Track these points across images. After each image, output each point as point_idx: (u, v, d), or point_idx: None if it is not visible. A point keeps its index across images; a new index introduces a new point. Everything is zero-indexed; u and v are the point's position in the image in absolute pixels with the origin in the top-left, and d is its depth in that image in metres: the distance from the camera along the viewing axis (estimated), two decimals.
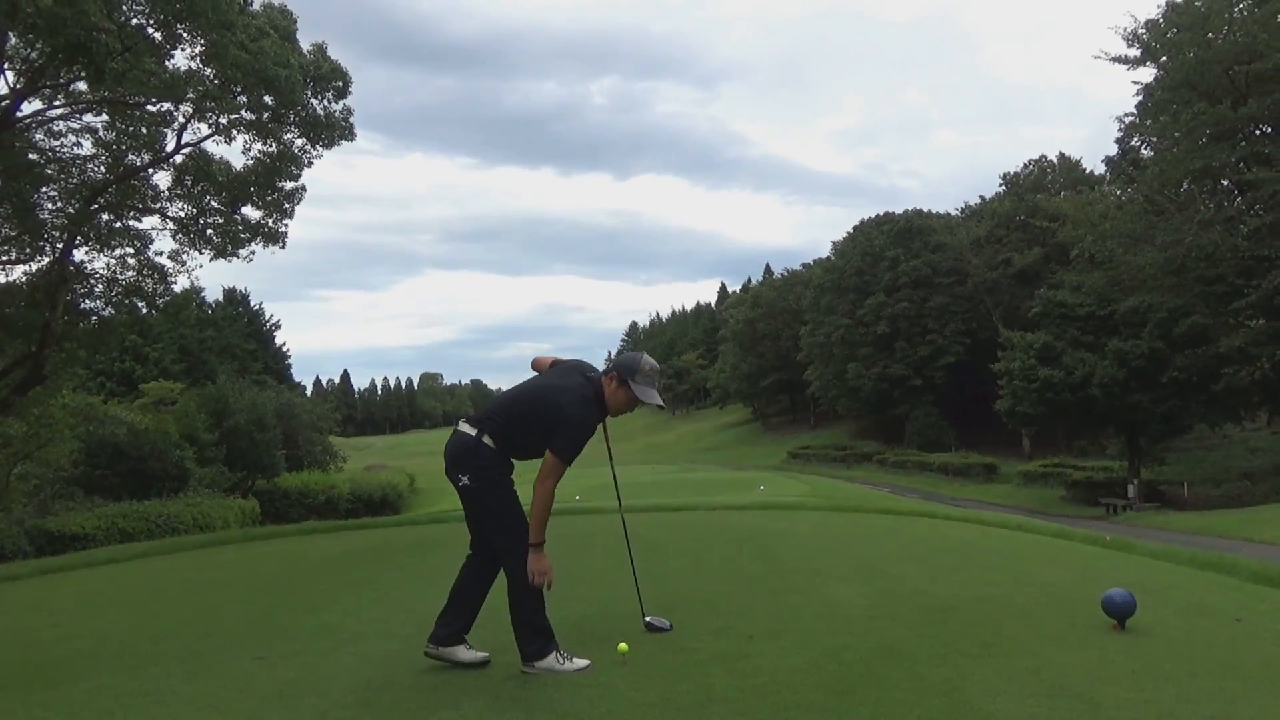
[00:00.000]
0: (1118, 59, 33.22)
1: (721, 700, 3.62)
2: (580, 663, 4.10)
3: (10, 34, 14.23)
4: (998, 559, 7.66)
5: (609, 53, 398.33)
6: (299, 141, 18.28)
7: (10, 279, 18.44)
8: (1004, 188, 70.91)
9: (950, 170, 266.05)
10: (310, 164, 18.57)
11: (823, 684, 3.81)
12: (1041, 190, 65.24)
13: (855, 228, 79.12)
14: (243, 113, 17.44)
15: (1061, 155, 69.32)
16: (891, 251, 71.78)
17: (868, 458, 67.88)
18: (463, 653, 4.22)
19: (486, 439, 4.13)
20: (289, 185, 18.87)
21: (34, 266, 18.36)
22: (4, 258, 18.44)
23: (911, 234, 72.67)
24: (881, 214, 77.69)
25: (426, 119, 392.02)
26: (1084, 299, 40.08)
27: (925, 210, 77.39)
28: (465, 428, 4.22)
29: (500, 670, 4.13)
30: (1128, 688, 3.72)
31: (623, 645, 4.26)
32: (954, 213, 78.67)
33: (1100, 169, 54.44)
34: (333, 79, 17.80)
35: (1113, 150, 45.09)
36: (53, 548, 12.51)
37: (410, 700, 3.76)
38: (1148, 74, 34.07)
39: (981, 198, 75.04)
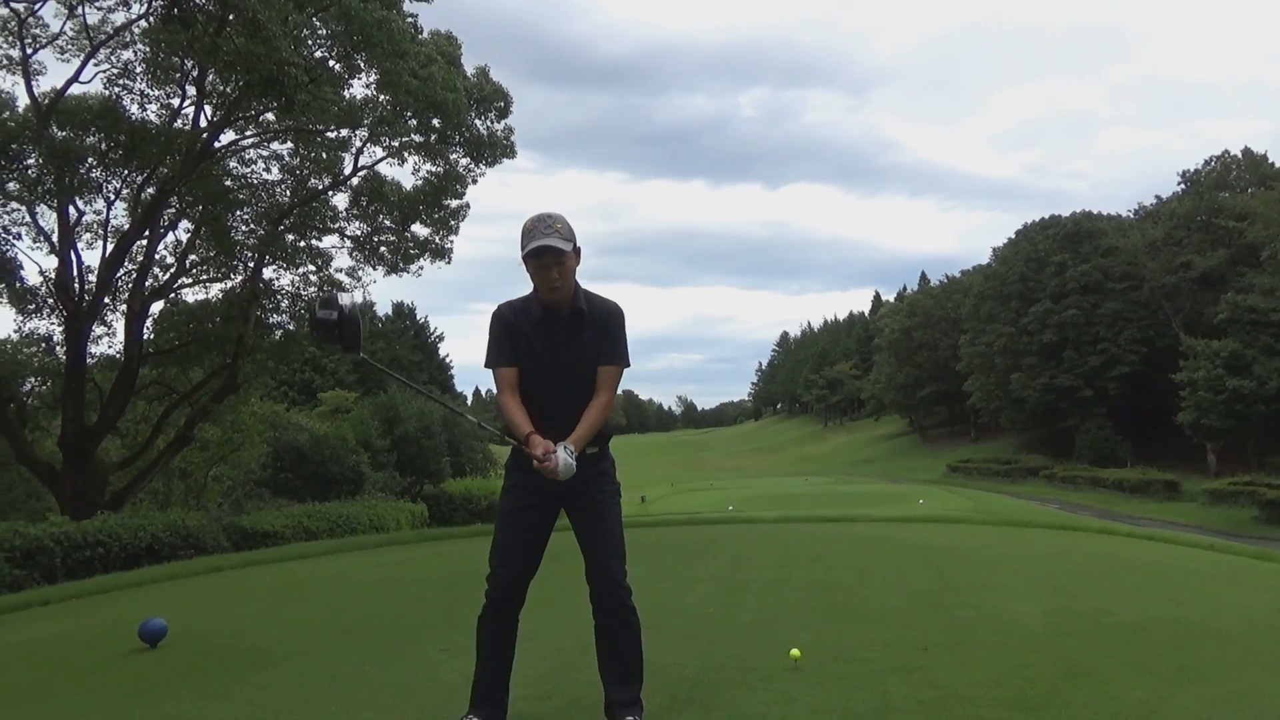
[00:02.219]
0: None
1: (900, 711, 3.55)
2: None
3: (209, 71, 15.56)
4: (1189, 580, 7.15)
5: (758, 64, 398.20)
6: (464, 161, 19.12)
7: (209, 296, 20.14)
8: (1183, 186, 66.32)
9: (1121, 171, 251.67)
10: (474, 181, 19.42)
11: (1006, 700, 3.67)
12: (1225, 188, 60.77)
13: (1018, 232, 75.89)
14: (413, 136, 18.40)
15: (1246, 150, 64.33)
16: (1058, 256, 68.26)
17: (1034, 472, 64.64)
18: None
19: None
20: (454, 203, 19.78)
21: (228, 284, 20.00)
22: (203, 277, 20.17)
23: (1080, 237, 68.89)
24: (1046, 217, 74.10)
25: (580, 137, 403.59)
26: (1278, 304, 36.88)
27: (1094, 212, 73.29)
28: None
29: (675, 670, 4.19)
30: None
31: (795, 651, 4.24)
32: (1126, 214, 74.28)
33: None
34: (495, 100, 18.53)
35: None
36: (247, 543, 13.52)
37: (588, 695, 3.87)
38: None
39: (1157, 198, 70.55)
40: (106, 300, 17.78)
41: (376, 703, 3.98)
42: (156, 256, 18.59)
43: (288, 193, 19.44)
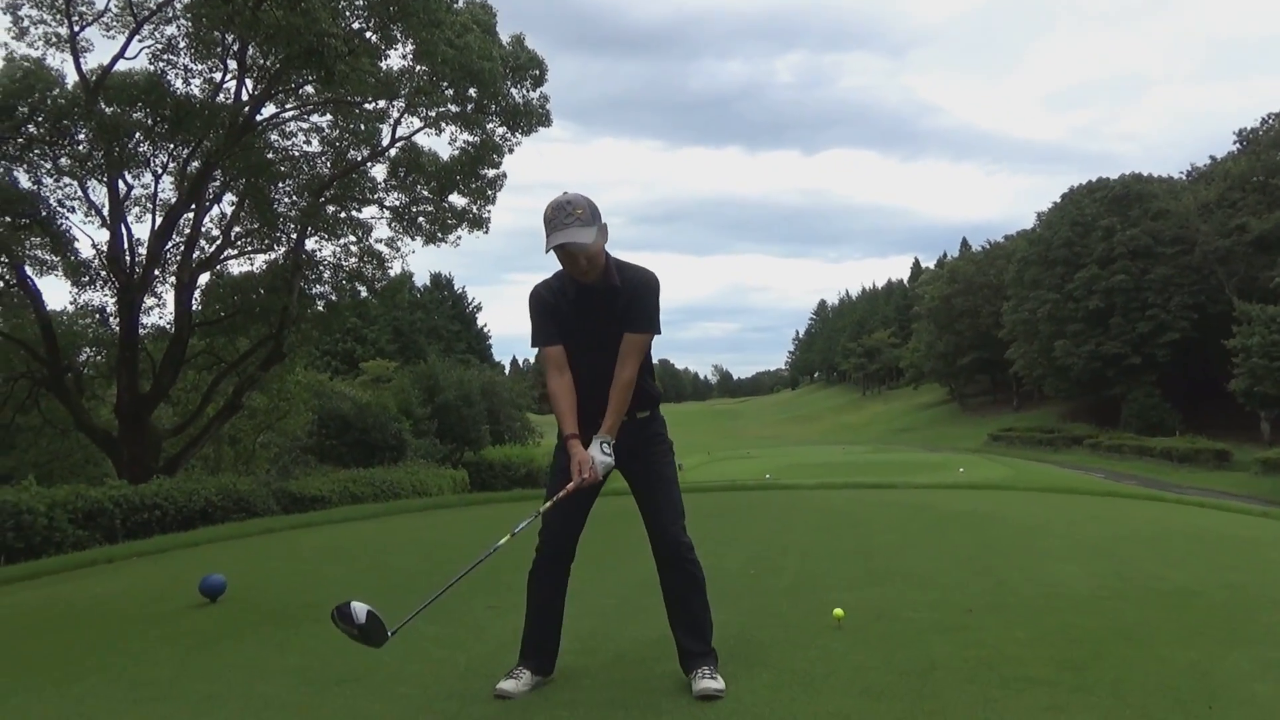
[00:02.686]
0: None
1: (945, 668, 3.57)
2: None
3: (250, 45, 15.70)
4: (1242, 546, 7.06)
5: (794, 28, 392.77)
6: (500, 130, 19.15)
7: (253, 268, 20.49)
8: (1239, 146, 64.25)
9: (1173, 131, 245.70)
10: (511, 150, 19.45)
11: (1052, 659, 3.67)
12: None
13: (1064, 196, 74.32)
14: (449, 105, 18.45)
15: None
16: (1105, 220, 66.70)
17: (1078, 441, 63.72)
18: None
19: None
20: (491, 173, 19.83)
21: (272, 256, 20.31)
22: (248, 248, 20.49)
23: (1129, 200, 67.23)
24: (1094, 180, 72.37)
25: (614, 105, 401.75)
26: None
27: (1144, 174, 71.42)
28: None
29: (718, 629, 4.22)
30: None
31: (838, 610, 4.27)
32: (1178, 176, 72.30)
33: None
34: (530, 68, 18.49)
35: None
36: (296, 507, 13.83)
37: (634, 650, 3.95)
38: None
39: (1212, 158, 68.51)
40: (156, 272, 18.16)
41: (427, 654, 4.09)
42: (203, 229, 18.92)
43: (328, 164, 19.64)
